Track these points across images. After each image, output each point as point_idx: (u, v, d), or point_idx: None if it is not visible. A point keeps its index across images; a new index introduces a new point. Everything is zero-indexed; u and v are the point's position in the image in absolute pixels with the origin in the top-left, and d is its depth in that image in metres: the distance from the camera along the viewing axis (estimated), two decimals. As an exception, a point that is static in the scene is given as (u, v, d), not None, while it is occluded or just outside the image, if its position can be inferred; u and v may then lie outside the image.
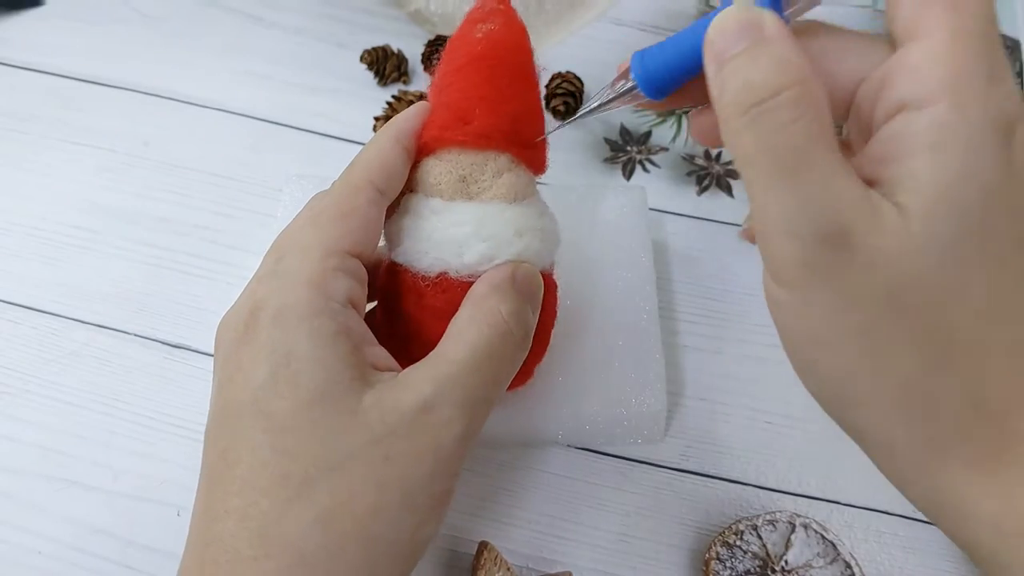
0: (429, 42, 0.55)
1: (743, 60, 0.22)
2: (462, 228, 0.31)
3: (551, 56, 0.57)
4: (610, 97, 0.29)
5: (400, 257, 0.33)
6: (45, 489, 0.39)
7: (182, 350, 0.44)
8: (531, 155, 0.33)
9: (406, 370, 0.28)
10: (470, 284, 0.31)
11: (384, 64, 0.55)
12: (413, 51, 0.56)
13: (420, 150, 0.32)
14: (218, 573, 0.25)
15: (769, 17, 0.23)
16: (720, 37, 0.23)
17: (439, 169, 0.32)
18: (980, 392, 0.23)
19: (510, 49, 0.32)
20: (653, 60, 0.27)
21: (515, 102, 0.32)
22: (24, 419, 0.41)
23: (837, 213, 0.22)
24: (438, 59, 0.54)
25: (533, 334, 0.32)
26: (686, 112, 0.51)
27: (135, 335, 0.44)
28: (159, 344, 0.44)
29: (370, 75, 0.56)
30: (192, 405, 0.42)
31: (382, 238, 0.33)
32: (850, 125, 0.25)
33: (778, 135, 0.22)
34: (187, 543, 0.27)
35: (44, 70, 0.56)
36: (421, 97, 0.53)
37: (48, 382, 0.42)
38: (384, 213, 0.31)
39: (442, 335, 0.30)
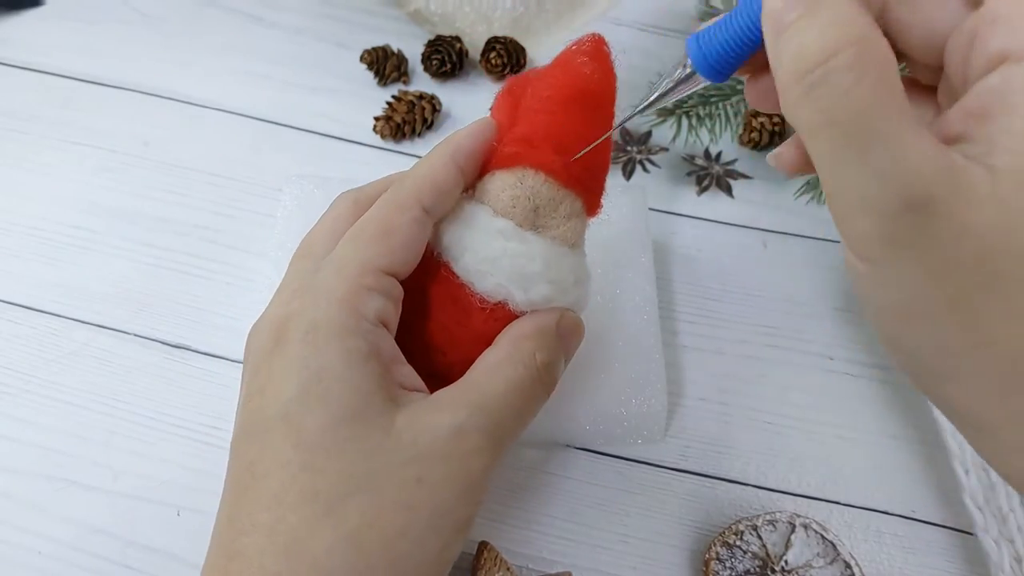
0: (429, 42, 0.55)
1: (800, 25, 0.21)
2: (533, 264, 0.30)
3: (551, 56, 0.57)
4: (670, 86, 0.28)
5: (460, 270, 0.31)
6: (45, 489, 0.39)
7: (182, 350, 0.44)
8: (596, 204, 0.33)
9: (438, 393, 0.29)
10: (516, 317, 0.31)
11: (384, 64, 0.55)
12: (413, 51, 0.56)
13: (496, 160, 0.31)
14: None
15: None
16: (778, 2, 0.21)
17: (516, 191, 0.30)
18: None
19: (609, 96, 0.31)
20: (709, 43, 0.26)
21: (604, 152, 0.32)
22: (24, 419, 0.41)
23: (917, 182, 0.20)
24: (437, 60, 0.54)
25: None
26: (686, 112, 0.51)
27: (135, 335, 0.44)
28: (159, 344, 0.44)
29: (370, 75, 0.56)
30: (192, 405, 0.42)
31: None
32: (941, 83, 0.24)
33: (839, 103, 0.20)
34: (209, 554, 0.27)
35: (44, 70, 0.56)
36: (421, 97, 0.53)
37: (48, 382, 0.42)
38: (429, 232, 0.31)
39: (469, 356, 0.30)
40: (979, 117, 0.21)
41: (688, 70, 0.27)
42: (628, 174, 0.51)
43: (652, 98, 0.29)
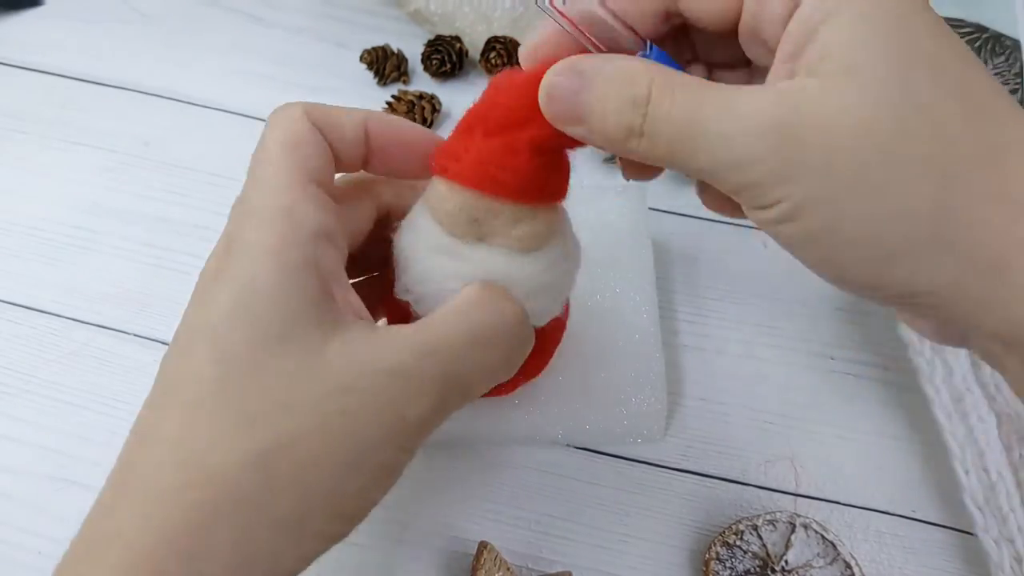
0: (429, 42, 0.55)
1: (591, 100, 0.25)
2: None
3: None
4: None
5: (399, 289, 0.30)
6: (45, 489, 0.39)
7: (182, 350, 0.43)
8: (550, 197, 0.30)
9: (389, 328, 0.27)
10: None
11: (384, 64, 0.55)
12: (413, 51, 0.56)
13: (435, 168, 0.30)
14: (136, 501, 0.24)
15: (570, 60, 0.26)
16: (552, 101, 0.26)
17: (449, 204, 0.29)
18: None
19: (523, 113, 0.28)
20: None
21: (533, 154, 0.28)
22: (24, 419, 0.41)
23: (759, 113, 0.22)
24: (437, 60, 0.54)
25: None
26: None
27: (135, 335, 0.44)
28: (159, 344, 0.44)
29: (370, 75, 0.56)
30: (192, 405, 0.41)
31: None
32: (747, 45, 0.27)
33: (670, 117, 0.24)
34: (114, 466, 0.26)
35: (44, 70, 0.56)
36: (421, 97, 0.53)
37: (48, 382, 0.42)
38: (326, 150, 0.29)
39: None
40: (794, 54, 0.23)
41: None
42: (628, 174, 0.51)
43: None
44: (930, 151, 0.22)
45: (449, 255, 0.29)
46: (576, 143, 0.27)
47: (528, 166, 0.27)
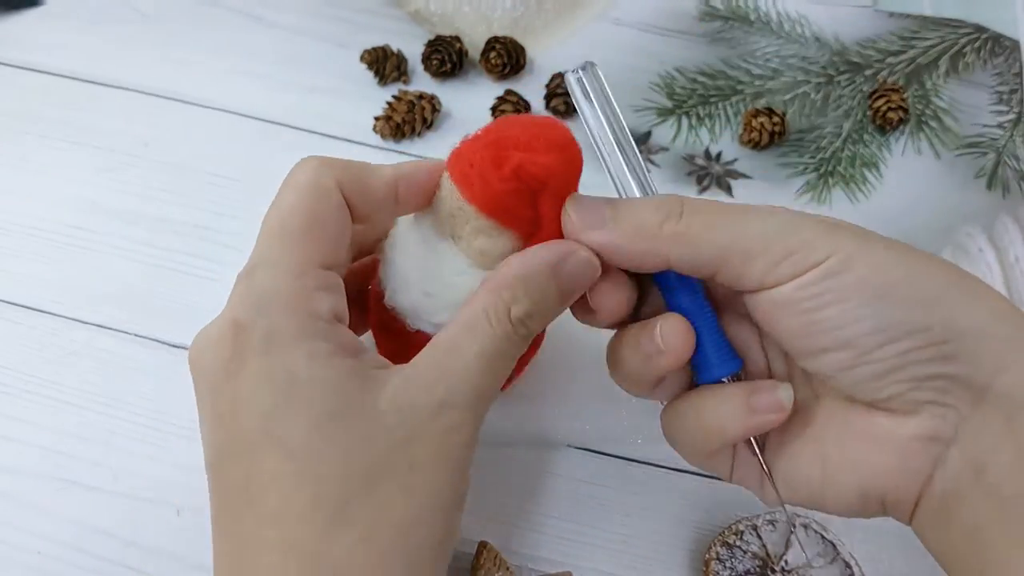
0: (429, 42, 0.55)
1: (624, 221, 0.29)
2: (413, 266, 0.31)
3: (551, 56, 0.57)
4: None
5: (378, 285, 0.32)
6: (45, 489, 0.39)
7: (182, 350, 0.44)
8: (529, 237, 0.30)
9: (413, 363, 0.28)
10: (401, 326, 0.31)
11: (384, 64, 0.55)
12: (413, 51, 0.56)
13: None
14: None
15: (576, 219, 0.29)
16: (572, 261, 0.29)
17: (444, 190, 0.30)
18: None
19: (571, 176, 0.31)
20: None
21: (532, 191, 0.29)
22: (24, 419, 0.41)
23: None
24: (437, 60, 0.54)
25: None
26: (686, 112, 0.51)
27: (135, 335, 0.44)
28: (159, 344, 0.44)
29: (370, 75, 0.56)
30: (192, 405, 0.41)
31: None
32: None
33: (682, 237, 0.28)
34: None
35: (44, 70, 0.56)
36: (421, 97, 0.53)
37: (48, 382, 0.42)
38: (349, 222, 0.30)
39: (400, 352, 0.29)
40: (803, 337, 0.28)
41: None
42: (628, 174, 0.51)
43: None
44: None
45: (417, 235, 0.31)
46: (550, 197, 0.29)
47: (500, 183, 0.28)
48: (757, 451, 0.30)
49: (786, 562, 0.36)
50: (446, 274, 0.30)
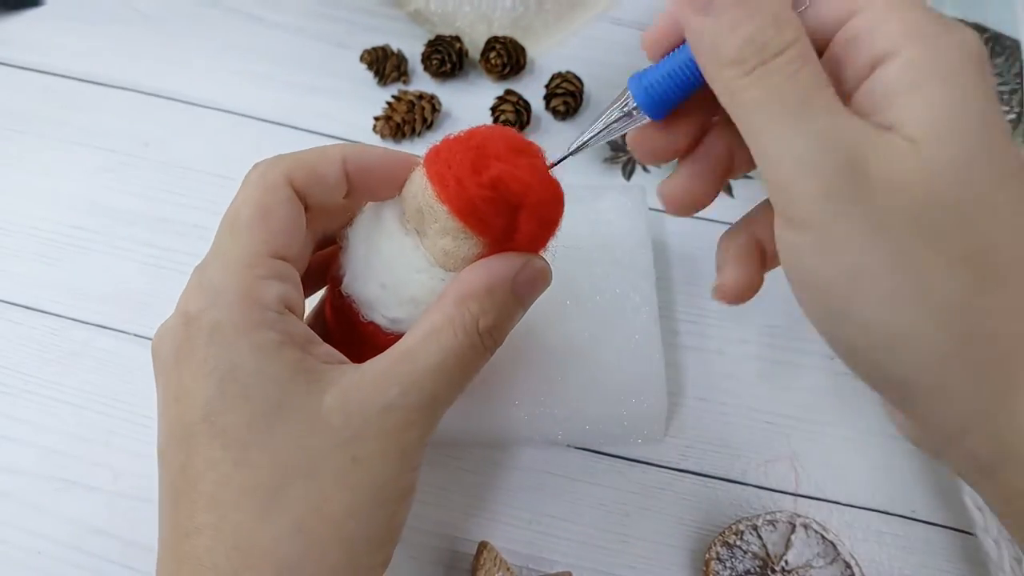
0: (429, 42, 0.55)
1: (738, 14, 0.23)
2: (374, 258, 0.30)
3: (551, 56, 0.57)
4: (608, 121, 0.28)
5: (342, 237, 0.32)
6: (45, 489, 0.39)
7: (182, 350, 0.43)
8: (499, 246, 0.30)
9: (367, 364, 0.28)
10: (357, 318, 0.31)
11: (384, 64, 0.55)
12: (413, 51, 0.56)
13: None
14: None
15: None
16: None
17: (416, 185, 0.30)
18: None
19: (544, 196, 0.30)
20: (650, 76, 0.27)
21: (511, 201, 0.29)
22: (24, 419, 0.41)
23: (852, 144, 0.22)
24: (437, 60, 0.54)
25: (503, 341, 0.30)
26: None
27: (135, 335, 0.44)
28: (159, 344, 0.44)
29: (370, 75, 0.56)
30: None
31: None
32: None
33: (787, 84, 0.23)
34: (158, 563, 0.27)
35: (44, 70, 0.56)
36: (420, 97, 0.53)
37: (48, 382, 0.42)
38: (303, 215, 0.30)
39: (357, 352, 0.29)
40: (874, 109, 0.24)
41: (629, 104, 0.28)
42: (628, 174, 0.51)
43: (587, 137, 0.29)
44: (978, 245, 0.23)
45: (380, 224, 0.30)
46: (530, 227, 0.29)
47: (475, 188, 0.28)
48: None
49: (786, 562, 0.36)
50: (405, 269, 0.30)
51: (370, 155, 0.31)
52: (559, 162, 0.31)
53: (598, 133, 0.29)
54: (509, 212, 0.29)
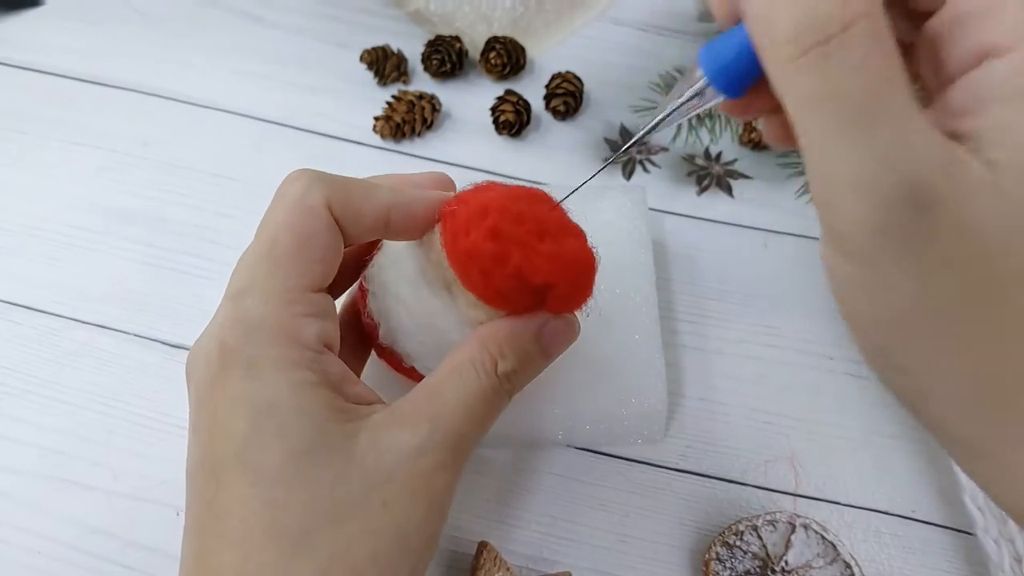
0: (429, 42, 0.55)
1: None
2: (411, 320, 0.30)
3: (551, 56, 0.57)
4: (681, 101, 0.25)
5: (367, 314, 0.32)
6: (45, 489, 0.39)
7: (182, 350, 0.43)
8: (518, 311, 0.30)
9: (397, 404, 0.28)
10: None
11: (384, 64, 0.55)
12: (413, 51, 0.56)
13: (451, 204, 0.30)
14: None
15: None
16: None
17: (440, 256, 0.29)
18: None
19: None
20: (723, 49, 0.23)
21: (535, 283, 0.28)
22: (24, 419, 0.41)
23: (920, 168, 0.18)
24: (437, 60, 0.54)
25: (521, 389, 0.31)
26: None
27: (135, 335, 0.44)
28: (159, 344, 0.44)
29: (370, 75, 0.56)
30: (192, 405, 0.42)
31: None
32: (920, 66, 0.22)
33: (848, 77, 0.18)
34: None
35: (44, 70, 0.56)
36: (420, 97, 0.53)
37: (48, 382, 0.42)
38: (341, 241, 0.29)
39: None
40: (966, 114, 0.20)
41: (701, 82, 0.24)
42: (628, 174, 0.51)
43: (660, 118, 0.26)
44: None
45: (412, 287, 0.30)
46: (559, 299, 0.29)
47: (502, 283, 0.28)
48: None
49: (786, 562, 0.36)
50: (440, 331, 0.30)
51: (414, 207, 0.29)
52: (611, 161, 0.31)
53: (671, 113, 0.26)
54: (536, 292, 0.29)
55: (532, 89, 0.54)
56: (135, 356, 0.43)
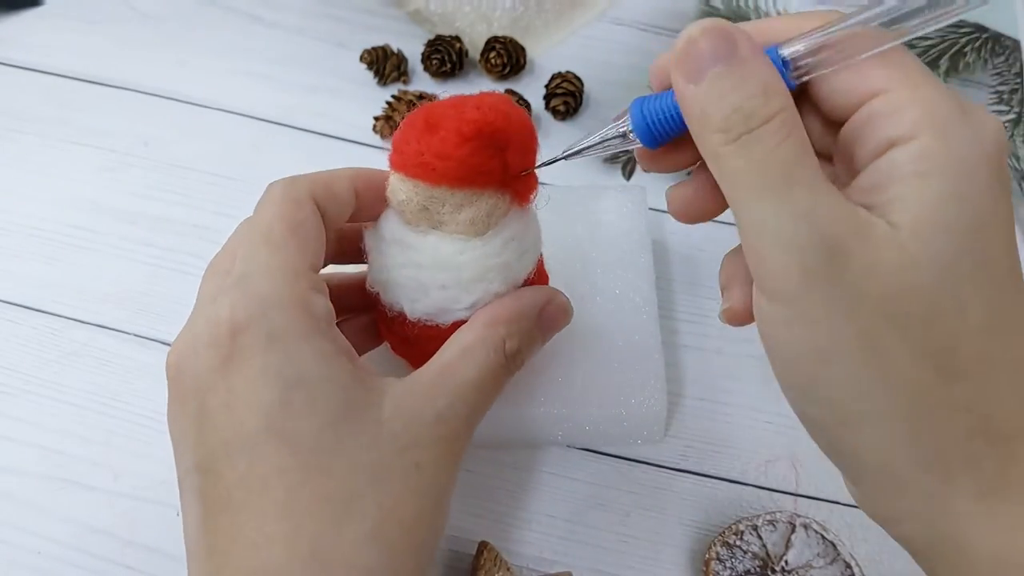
0: (429, 42, 0.55)
1: (727, 84, 0.23)
2: (419, 272, 0.31)
3: (551, 56, 0.57)
4: (605, 137, 0.29)
5: (369, 282, 0.33)
6: (45, 489, 0.39)
7: (182, 350, 0.44)
8: (499, 183, 0.31)
9: (414, 376, 0.29)
10: (434, 325, 0.32)
11: (384, 64, 0.55)
12: (413, 51, 0.56)
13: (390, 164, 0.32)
14: None
15: (740, 34, 0.23)
16: (692, 49, 0.23)
17: (403, 193, 0.31)
18: (988, 410, 0.23)
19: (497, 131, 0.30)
20: (652, 106, 0.27)
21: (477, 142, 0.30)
22: (24, 419, 0.41)
23: (832, 223, 0.22)
24: (437, 59, 0.54)
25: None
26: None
27: (135, 335, 0.44)
28: (159, 344, 0.44)
29: (370, 75, 0.56)
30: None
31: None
32: (836, 161, 0.26)
33: (770, 156, 0.23)
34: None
35: (44, 70, 0.56)
36: (421, 97, 0.53)
37: (48, 382, 0.42)
38: (323, 231, 0.31)
39: (426, 352, 0.31)
40: (873, 190, 0.23)
41: (624, 129, 0.28)
42: (628, 174, 0.51)
43: (582, 146, 0.30)
44: (943, 343, 0.22)
45: (400, 245, 0.31)
46: (504, 130, 0.29)
47: (460, 153, 0.29)
48: None
49: (786, 562, 0.36)
50: (451, 262, 0.31)
51: (373, 175, 0.32)
52: (548, 163, 0.32)
53: (593, 146, 0.29)
54: (497, 152, 0.30)
55: (532, 89, 0.54)
56: (135, 356, 0.43)
